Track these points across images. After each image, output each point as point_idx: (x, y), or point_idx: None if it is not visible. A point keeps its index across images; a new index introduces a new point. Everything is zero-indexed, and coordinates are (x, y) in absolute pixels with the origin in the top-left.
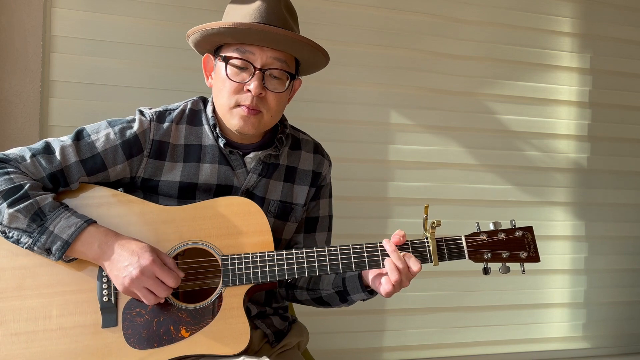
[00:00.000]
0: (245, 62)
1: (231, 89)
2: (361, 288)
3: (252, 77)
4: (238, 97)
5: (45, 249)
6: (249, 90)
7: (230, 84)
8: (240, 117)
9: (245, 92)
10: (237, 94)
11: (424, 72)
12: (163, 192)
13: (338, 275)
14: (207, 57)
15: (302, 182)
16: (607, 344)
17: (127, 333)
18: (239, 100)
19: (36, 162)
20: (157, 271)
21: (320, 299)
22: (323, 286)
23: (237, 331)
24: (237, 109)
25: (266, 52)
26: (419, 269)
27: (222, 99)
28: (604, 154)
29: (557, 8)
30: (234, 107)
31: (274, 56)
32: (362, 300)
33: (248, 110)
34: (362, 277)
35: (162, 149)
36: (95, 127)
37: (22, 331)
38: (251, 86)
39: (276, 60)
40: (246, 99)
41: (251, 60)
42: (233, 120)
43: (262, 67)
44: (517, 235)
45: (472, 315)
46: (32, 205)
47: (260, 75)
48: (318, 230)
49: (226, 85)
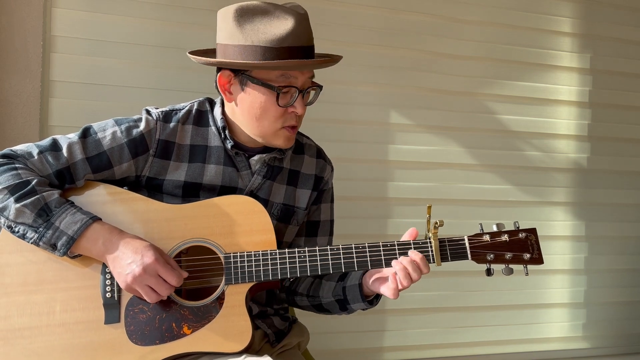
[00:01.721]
0: (290, 87)
1: (278, 114)
2: (361, 298)
3: (294, 99)
4: (283, 119)
5: (50, 245)
6: (294, 112)
7: (275, 110)
8: (285, 137)
9: (289, 113)
10: (282, 116)
11: (424, 72)
12: (167, 191)
13: (338, 284)
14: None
15: (305, 185)
16: (607, 344)
17: (130, 329)
18: (284, 122)
19: (43, 159)
20: (160, 269)
21: (320, 306)
22: (323, 294)
23: (238, 329)
24: (282, 131)
25: (305, 74)
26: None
27: (266, 124)
28: (604, 154)
29: (557, 8)
30: (280, 129)
31: (310, 76)
32: (362, 309)
33: (292, 130)
34: (363, 287)
35: (168, 149)
36: (102, 125)
37: (25, 326)
38: (298, 108)
39: (310, 78)
40: (291, 120)
41: (295, 84)
42: (278, 141)
43: (302, 88)
44: (521, 236)
45: (472, 315)
46: (39, 200)
47: (301, 95)
48: (320, 235)
49: (272, 112)
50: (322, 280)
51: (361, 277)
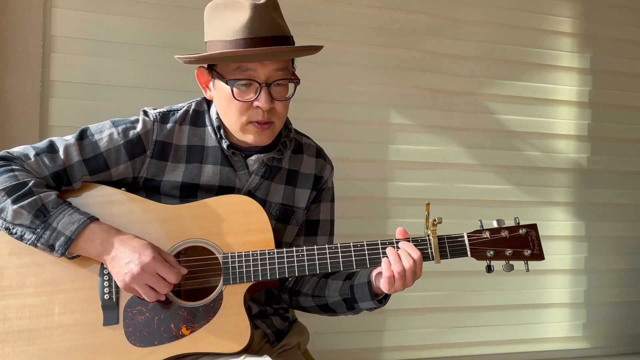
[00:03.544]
0: (249, 80)
1: (240, 109)
2: (371, 296)
3: (258, 93)
4: (248, 114)
5: (48, 245)
6: (259, 107)
7: (237, 104)
8: (254, 133)
9: (254, 108)
10: (246, 111)
11: (424, 72)
12: (165, 192)
13: (346, 282)
14: (201, 70)
15: (304, 185)
16: (607, 344)
17: (128, 331)
18: (249, 117)
19: (40, 161)
20: (158, 267)
21: (325, 306)
22: (329, 293)
23: (237, 329)
24: (249, 126)
25: (267, 66)
26: (419, 257)
27: (231, 118)
28: (604, 154)
29: (557, 8)
30: (245, 124)
31: (275, 68)
32: (370, 309)
33: (260, 126)
34: (372, 285)
35: (165, 150)
36: (99, 127)
37: (24, 329)
38: (261, 103)
39: (277, 70)
40: (257, 115)
41: (254, 77)
42: (247, 137)
43: (267, 82)
44: (521, 232)
45: (472, 315)
46: (36, 201)
47: (266, 89)
48: (319, 234)
49: (233, 106)
50: (327, 280)
51: (369, 275)
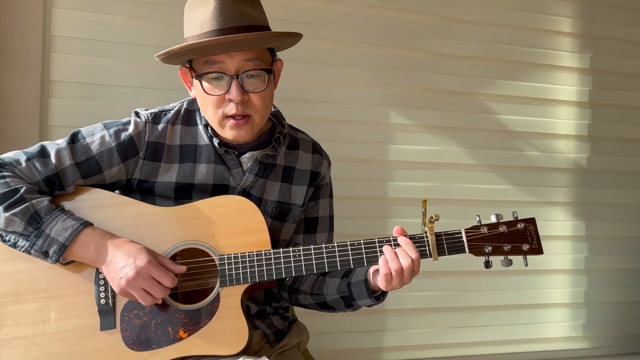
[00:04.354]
0: (218, 73)
1: (214, 103)
2: (368, 294)
3: (229, 86)
4: (223, 109)
5: (42, 252)
6: (231, 100)
7: (211, 99)
8: (231, 128)
9: (227, 102)
10: (220, 106)
11: (424, 72)
12: (159, 193)
13: (343, 280)
14: (183, 69)
15: (300, 182)
16: (607, 344)
17: (125, 335)
18: (225, 112)
19: (31, 166)
20: (153, 271)
21: (324, 304)
22: (327, 291)
23: (235, 331)
24: (226, 121)
25: (235, 57)
26: (416, 256)
27: (209, 114)
28: (604, 154)
29: (557, 8)
30: (222, 119)
31: (244, 58)
32: (368, 306)
33: (236, 121)
34: (369, 282)
35: (158, 151)
36: (90, 130)
37: (21, 335)
38: (232, 95)
39: (248, 61)
40: (231, 109)
41: (223, 69)
42: (226, 132)
43: (237, 73)
44: (519, 227)
45: (472, 315)
46: (29, 208)
47: (237, 82)
48: (319, 231)
49: (207, 101)
50: (326, 278)
51: (366, 273)
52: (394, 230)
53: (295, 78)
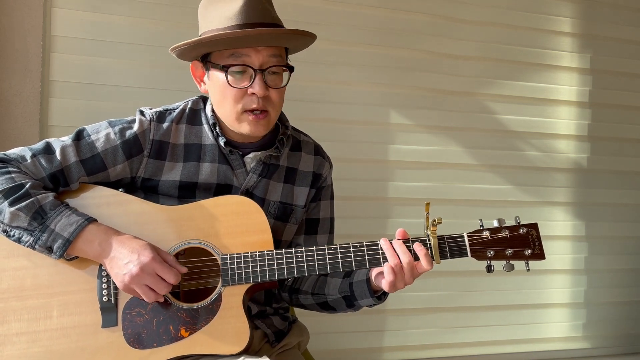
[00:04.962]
0: (243, 67)
1: (234, 97)
2: (369, 293)
3: (253, 79)
4: (243, 102)
5: (46, 247)
6: (254, 94)
7: (232, 92)
8: (249, 123)
9: (249, 95)
10: (240, 100)
11: (424, 72)
12: (163, 191)
13: (345, 280)
14: (195, 64)
15: (303, 183)
16: (607, 344)
17: (127, 333)
18: (245, 105)
19: (36, 162)
20: (157, 268)
21: (325, 304)
22: (329, 291)
23: (236, 330)
24: (245, 115)
25: (261, 52)
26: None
27: (226, 108)
28: (604, 154)
29: (557, 8)
30: (240, 113)
31: (269, 54)
32: (369, 306)
33: (255, 116)
34: (371, 282)
35: (162, 149)
36: (95, 127)
37: (23, 331)
38: (256, 89)
39: (272, 57)
40: (252, 103)
41: (249, 63)
42: (243, 127)
43: (261, 68)
44: (521, 232)
45: (472, 315)
46: (33, 203)
47: (260, 76)
48: (319, 232)
49: (228, 94)
50: (327, 278)
51: (368, 272)
52: (396, 233)
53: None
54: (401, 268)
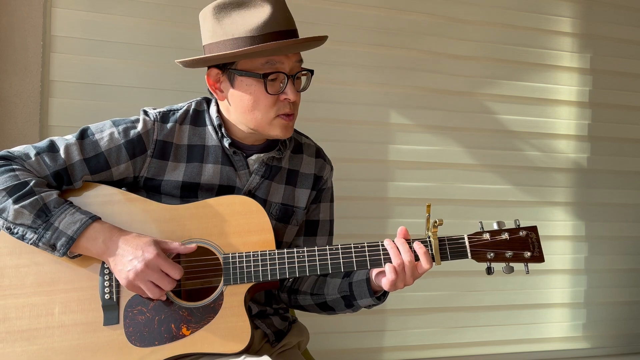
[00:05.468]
0: (277, 74)
1: (270, 103)
2: (369, 293)
3: (285, 85)
4: (277, 108)
5: (50, 245)
6: (286, 99)
7: (268, 98)
8: (281, 126)
9: (282, 101)
10: (274, 105)
11: (424, 72)
12: (166, 191)
13: (344, 280)
14: (213, 72)
15: (304, 185)
16: (607, 344)
17: (129, 331)
18: (278, 110)
19: (40, 160)
20: (162, 264)
21: (324, 304)
22: (328, 291)
23: (237, 329)
24: (277, 120)
25: (291, 58)
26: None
27: (258, 115)
28: (604, 154)
29: (557, 8)
30: (273, 118)
31: (297, 59)
32: (368, 307)
33: (287, 118)
34: (371, 282)
35: (166, 149)
36: (99, 127)
37: (24, 328)
38: (289, 95)
39: (298, 62)
40: (285, 107)
41: (282, 70)
42: (274, 131)
43: (291, 73)
44: (521, 235)
45: (472, 315)
46: (38, 201)
47: (291, 81)
48: (319, 234)
49: (263, 100)
50: (326, 278)
51: (368, 272)
52: (398, 232)
53: None
54: (403, 268)
